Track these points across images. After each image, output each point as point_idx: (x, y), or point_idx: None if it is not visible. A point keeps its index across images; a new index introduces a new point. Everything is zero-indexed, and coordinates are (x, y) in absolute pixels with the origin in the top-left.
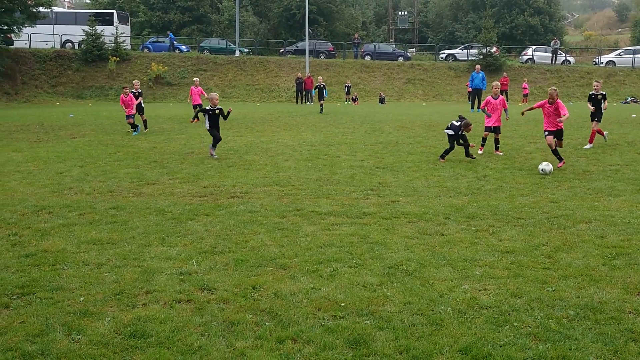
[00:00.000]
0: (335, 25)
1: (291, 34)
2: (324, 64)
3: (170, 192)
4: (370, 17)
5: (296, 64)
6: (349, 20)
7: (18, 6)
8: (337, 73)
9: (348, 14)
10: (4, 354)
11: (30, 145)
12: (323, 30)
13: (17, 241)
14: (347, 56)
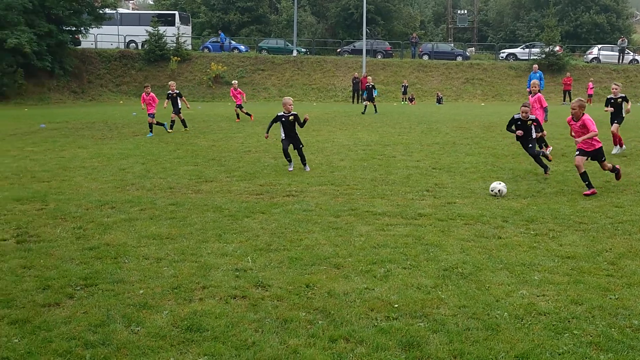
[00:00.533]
0: (393, 24)
1: (348, 34)
2: (380, 64)
3: (227, 189)
4: (429, 16)
5: (353, 63)
6: (407, 19)
7: (85, 8)
8: (394, 73)
9: (406, 13)
10: (68, 342)
11: (95, 142)
12: (381, 29)
13: (81, 234)
14: (404, 56)
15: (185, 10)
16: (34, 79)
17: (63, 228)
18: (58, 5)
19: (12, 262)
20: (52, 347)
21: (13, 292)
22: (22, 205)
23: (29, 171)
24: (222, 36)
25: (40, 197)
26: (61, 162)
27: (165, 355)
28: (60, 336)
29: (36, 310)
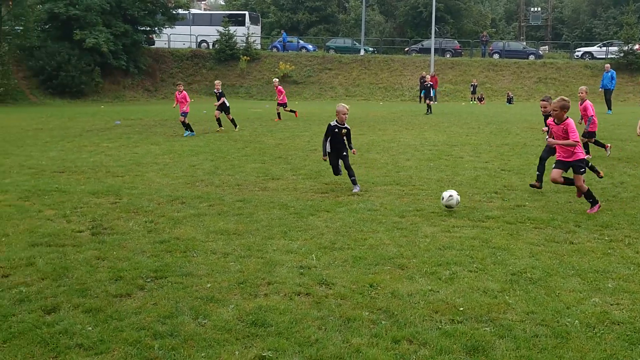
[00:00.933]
0: (462, 23)
1: (417, 33)
2: (449, 63)
3: (293, 187)
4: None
5: (421, 62)
6: (478, 17)
7: (159, 9)
8: (462, 72)
9: (477, 11)
10: (138, 332)
11: (167, 139)
12: (450, 28)
13: (152, 228)
14: (474, 54)
15: (255, 11)
16: (110, 78)
17: (135, 221)
18: (134, 6)
19: (87, 253)
20: (123, 336)
21: (88, 282)
22: (97, 199)
23: (104, 166)
24: (285, 36)
25: (115, 191)
26: (135, 157)
27: (231, 349)
28: (131, 326)
29: (109, 300)
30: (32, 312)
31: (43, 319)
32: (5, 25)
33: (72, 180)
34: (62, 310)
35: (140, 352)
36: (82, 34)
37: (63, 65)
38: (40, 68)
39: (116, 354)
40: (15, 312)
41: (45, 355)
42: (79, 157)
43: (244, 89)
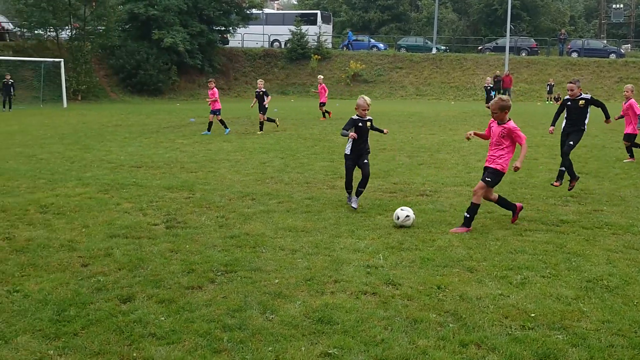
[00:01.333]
0: (539, 20)
1: (491, 31)
2: (524, 62)
3: None
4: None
5: (495, 61)
6: (556, 14)
7: (234, 9)
8: (539, 71)
9: (554, 8)
10: (208, 324)
11: (239, 136)
12: (526, 25)
13: (223, 223)
14: (551, 53)
15: (327, 10)
16: (186, 76)
17: (207, 216)
18: (209, 7)
19: (161, 245)
20: (194, 327)
21: (161, 274)
22: (172, 193)
23: (178, 162)
24: (350, 35)
25: (188, 186)
26: (208, 154)
27: (297, 344)
28: (202, 317)
29: (181, 292)
30: (109, 301)
31: (119, 308)
32: (89, 26)
33: (148, 175)
34: (137, 300)
35: (210, 344)
36: (160, 34)
37: (142, 64)
38: (121, 66)
39: (187, 345)
40: (93, 300)
41: (120, 343)
42: (156, 153)
43: (314, 87)
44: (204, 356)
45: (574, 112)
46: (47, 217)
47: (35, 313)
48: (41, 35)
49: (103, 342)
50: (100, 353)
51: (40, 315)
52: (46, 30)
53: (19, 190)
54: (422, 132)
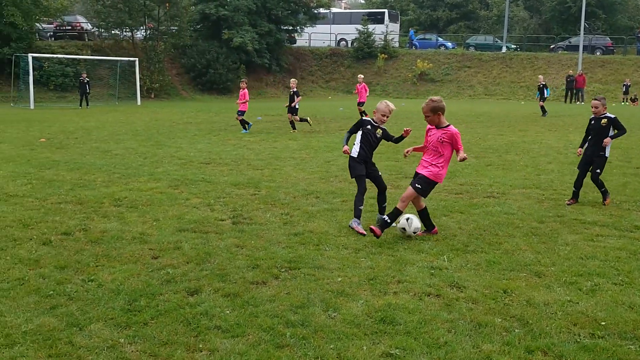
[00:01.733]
0: (616, 18)
1: (564, 29)
2: (599, 61)
3: None
4: None
5: (567, 60)
6: (633, 12)
7: (302, 8)
8: (614, 71)
9: (633, 5)
10: (271, 319)
11: (304, 135)
12: (602, 23)
13: (288, 220)
14: (627, 52)
15: (394, 8)
16: (254, 75)
17: (272, 213)
18: (278, 6)
19: (228, 240)
20: (258, 322)
21: (227, 268)
22: (239, 190)
23: (245, 159)
24: (412, 34)
25: (254, 183)
26: (274, 152)
27: (359, 343)
28: (265, 312)
29: (246, 287)
30: (177, 293)
31: (186, 300)
32: (162, 26)
33: (216, 172)
34: (203, 292)
35: (273, 339)
36: (230, 34)
37: (212, 63)
38: (192, 65)
39: (251, 338)
40: (163, 292)
41: (187, 334)
42: (224, 150)
43: (380, 86)
44: (267, 350)
45: (596, 131)
46: (121, 210)
47: (108, 302)
48: (117, 35)
49: (171, 332)
50: (168, 343)
51: (112, 304)
52: (122, 31)
53: (95, 184)
54: (490, 133)
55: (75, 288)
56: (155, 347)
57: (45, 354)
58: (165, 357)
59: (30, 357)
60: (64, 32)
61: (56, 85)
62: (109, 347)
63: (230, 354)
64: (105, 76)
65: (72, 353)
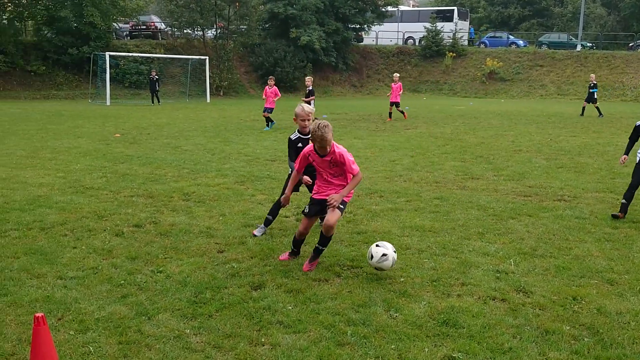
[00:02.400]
0: None
1: None
2: None
3: (493, 188)
4: None
5: None
6: None
7: (370, 7)
8: None
9: None
10: (333, 317)
11: (369, 133)
12: None
13: (351, 219)
14: None
15: (464, 6)
16: (320, 73)
17: None
18: (345, 5)
19: (291, 237)
20: (319, 319)
21: (290, 264)
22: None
23: None
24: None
25: None
26: None
27: (420, 345)
28: (327, 310)
29: (308, 283)
30: (241, 287)
31: (250, 294)
32: (232, 25)
33: (281, 169)
34: (267, 287)
35: (334, 336)
36: (298, 32)
37: (279, 62)
38: (260, 64)
39: (312, 335)
40: (227, 285)
41: (250, 328)
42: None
43: (447, 85)
44: (327, 348)
45: None
46: (189, 205)
47: (175, 293)
48: (189, 34)
49: (234, 325)
50: (232, 336)
51: (179, 295)
52: (194, 30)
53: (165, 179)
54: (562, 134)
55: (144, 278)
56: (219, 339)
57: (116, 340)
58: (228, 349)
59: (102, 344)
60: (139, 32)
61: (131, 82)
62: (175, 337)
63: (291, 349)
64: (177, 74)
65: (141, 341)
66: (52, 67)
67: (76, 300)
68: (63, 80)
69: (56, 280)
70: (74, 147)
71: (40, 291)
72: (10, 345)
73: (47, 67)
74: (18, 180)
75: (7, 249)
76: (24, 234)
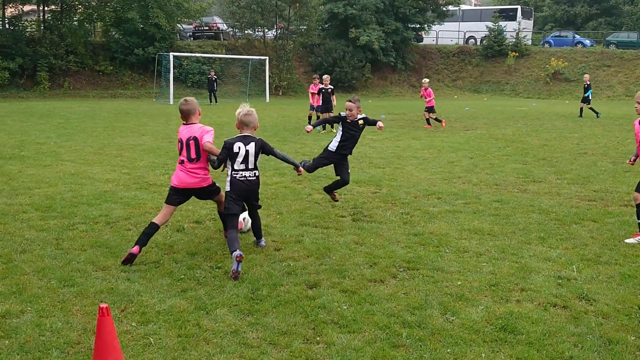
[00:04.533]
0: None
1: None
2: None
3: (556, 192)
4: None
5: None
6: None
7: (430, 6)
8: None
9: None
10: (388, 318)
11: (428, 134)
12: None
13: (408, 220)
14: None
15: (528, 4)
16: (378, 73)
17: (392, 212)
18: (406, 4)
19: (347, 237)
20: (374, 320)
21: (346, 264)
22: (360, 188)
23: (367, 157)
24: None
25: (375, 181)
26: (396, 151)
27: (477, 350)
28: (382, 311)
29: (363, 284)
30: (297, 285)
31: (305, 293)
32: (292, 25)
33: None
34: (322, 286)
35: (389, 338)
36: (357, 32)
37: (338, 62)
38: (318, 64)
39: (367, 335)
40: (283, 283)
41: (305, 326)
42: None
43: (509, 86)
44: (382, 349)
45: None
46: None
47: (232, 289)
48: (250, 35)
49: (290, 323)
50: (287, 333)
51: (237, 291)
52: (254, 30)
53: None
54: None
55: (203, 274)
56: (275, 336)
57: (175, 333)
58: (283, 347)
59: (162, 336)
60: (201, 32)
61: (193, 82)
62: (232, 332)
63: (346, 349)
64: (238, 74)
65: (199, 335)
66: (119, 67)
67: (138, 293)
68: (129, 80)
69: (120, 273)
70: (139, 145)
71: (105, 283)
72: (76, 335)
73: (115, 67)
74: (86, 175)
75: (74, 242)
76: (90, 228)
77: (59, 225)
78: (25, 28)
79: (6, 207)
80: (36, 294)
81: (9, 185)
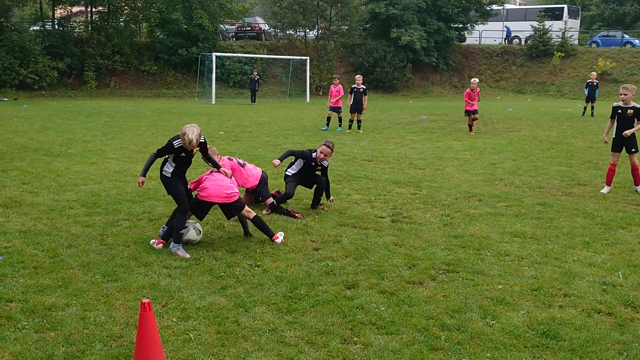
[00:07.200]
0: None
1: None
2: None
3: (602, 195)
4: None
5: None
6: None
7: (473, 5)
8: None
9: None
10: (426, 320)
11: (469, 135)
12: None
13: (448, 222)
14: None
15: (574, 3)
16: (420, 74)
17: (432, 214)
18: (448, 4)
19: (386, 238)
20: (412, 322)
21: (384, 265)
22: (399, 188)
23: (407, 158)
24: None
25: (415, 182)
26: (436, 152)
27: (518, 355)
28: (420, 313)
29: (402, 285)
30: (335, 285)
31: (343, 293)
32: (333, 25)
33: (378, 169)
34: (360, 287)
35: (427, 340)
36: (399, 32)
37: (379, 62)
38: (359, 64)
39: (405, 337)
40: (321, 283)
41: (342, 326)
42: (386, 148)
43: (555, 87)
44: (420, 351)
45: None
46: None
47: (271, 287)
48: (291, 35)
49: (328, 323)
50: (324, 333)
51: (275, 290)
52: (296, 30)
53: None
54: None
55: (243, 272)
56: (313, 335)
57: (215, 330)
58: (321, 346)
59: (201, 332)
60: (244, 33)
61: (235, 82)
62: (270, 330)
63: (383, 350)
64: (279, 74)
65: (238, 332)
66: (163, 67)
67: (179, 289)
68: (172, 80)
69: (162, 269)
70: None
71: (147, 279)
72: (119, 328)
73: (159, 67)
74: (130, 173)
75: (118, 238)
76: (134, 224)
77: (103, 221)
78: (74, 29)
79: (54, 203)
80: (81, 288)
81: (57, 181)
